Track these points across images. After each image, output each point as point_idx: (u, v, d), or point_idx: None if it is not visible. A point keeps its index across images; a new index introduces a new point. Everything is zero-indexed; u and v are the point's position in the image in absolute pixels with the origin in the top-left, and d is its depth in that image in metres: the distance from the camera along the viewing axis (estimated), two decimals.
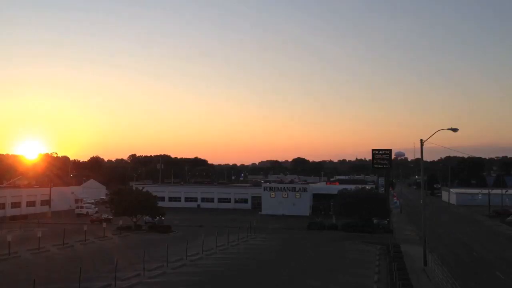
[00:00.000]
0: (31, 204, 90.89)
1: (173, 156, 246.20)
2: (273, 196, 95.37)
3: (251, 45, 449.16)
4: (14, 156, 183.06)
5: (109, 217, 72.25)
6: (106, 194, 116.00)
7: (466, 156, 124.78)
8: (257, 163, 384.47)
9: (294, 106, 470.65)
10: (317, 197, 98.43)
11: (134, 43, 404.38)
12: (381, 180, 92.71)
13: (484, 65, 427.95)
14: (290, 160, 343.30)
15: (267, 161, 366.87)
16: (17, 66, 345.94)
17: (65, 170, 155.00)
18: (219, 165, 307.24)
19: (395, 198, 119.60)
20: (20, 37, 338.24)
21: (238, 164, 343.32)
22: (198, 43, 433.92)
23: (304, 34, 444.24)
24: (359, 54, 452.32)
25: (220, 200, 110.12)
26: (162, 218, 69.77)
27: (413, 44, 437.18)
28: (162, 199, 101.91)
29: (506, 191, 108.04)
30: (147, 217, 69.57)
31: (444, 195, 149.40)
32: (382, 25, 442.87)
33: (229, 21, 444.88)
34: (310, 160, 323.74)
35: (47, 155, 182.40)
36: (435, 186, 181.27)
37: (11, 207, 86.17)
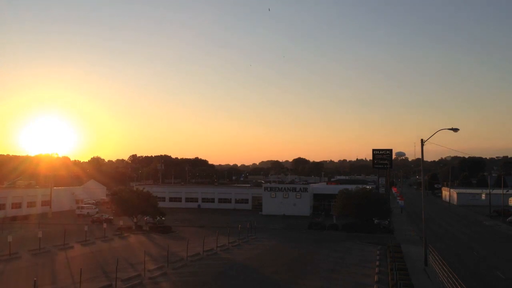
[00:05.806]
0: (31, 204, 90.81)
1: (173, 156, 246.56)
2: (274, 196, 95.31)
3: (251, 47, 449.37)
4: (15, 157, 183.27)
5: (110, 217, 72.32)
6: (107, 194, 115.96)
7: (466, 156, 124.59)
8: (257, 164, 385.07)
9: (295, 107, 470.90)
10: (317, 197, 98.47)
11: (134, 44, 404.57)
12: (382, 180, 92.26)
13: (484, 65, 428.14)
14: (290, 160, 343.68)
15: (267, 161, 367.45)
16: (17, 66, 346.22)
17: (66, 171, 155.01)
18: (220, 166, 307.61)
19: (399, 197, 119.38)
20: (19, 37, 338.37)
21: (239, 165, 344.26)
22: (199, 44, 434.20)
23: (304, 34, 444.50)
24: (359, 55, 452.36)
25: (221, 201, 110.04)
26: (163, 218, 69.82)
27: (413, 44, 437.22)
28: (163, 199, 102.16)
29: (507, 191, 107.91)
30: (148, 217, 69.60)
31: (445, 195, 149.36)
32: (382, 25, 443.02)
33: (230, 24, 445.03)
34: (311, 160, 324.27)
35: (47, 155, 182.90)
36: (435, 186, 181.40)
37: (12, 208, 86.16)
